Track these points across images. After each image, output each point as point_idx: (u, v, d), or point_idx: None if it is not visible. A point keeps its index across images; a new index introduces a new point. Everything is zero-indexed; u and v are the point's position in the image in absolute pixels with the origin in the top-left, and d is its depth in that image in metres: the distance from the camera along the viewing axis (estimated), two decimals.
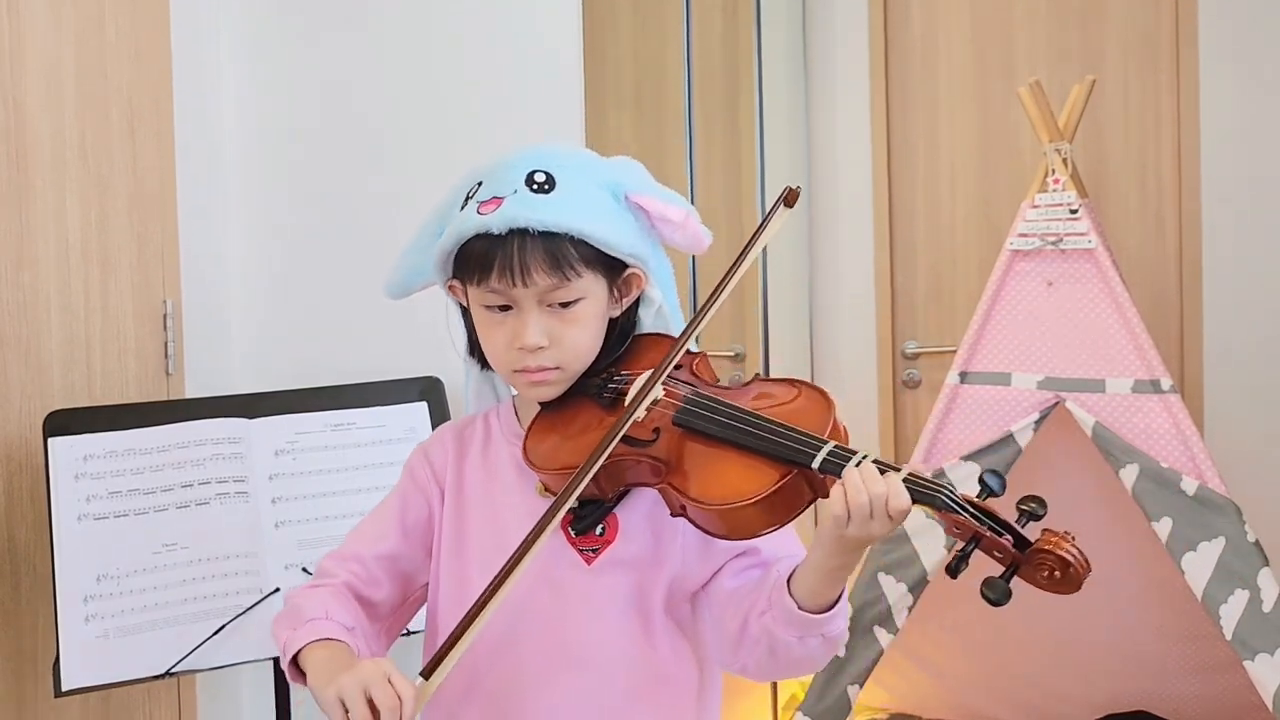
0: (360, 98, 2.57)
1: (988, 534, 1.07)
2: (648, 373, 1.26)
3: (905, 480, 1.09)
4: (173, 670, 1.91)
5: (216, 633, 1.93)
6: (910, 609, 2.56)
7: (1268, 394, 3.01)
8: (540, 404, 1.32)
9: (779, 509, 1.15)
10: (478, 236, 1.24)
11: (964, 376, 2.65)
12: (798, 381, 1.27)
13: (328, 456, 2.12)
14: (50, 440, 1.93)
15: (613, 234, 1.26)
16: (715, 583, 1.29)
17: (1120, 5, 3.16)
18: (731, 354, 3.36)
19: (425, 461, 1.40)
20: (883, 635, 2.57)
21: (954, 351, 2.72)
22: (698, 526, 1.19)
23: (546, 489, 1.29)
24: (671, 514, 1.21)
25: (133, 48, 2.31)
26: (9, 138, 2.02)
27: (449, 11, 2.53)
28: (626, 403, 1.25)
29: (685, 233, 1.33)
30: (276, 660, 1.99)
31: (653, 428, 1.22)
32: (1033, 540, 1.07)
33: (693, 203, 2.67)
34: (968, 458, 2.58)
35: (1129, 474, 2.45)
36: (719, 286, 1.28)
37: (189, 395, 2.42)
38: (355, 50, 2.58)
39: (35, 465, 2.02)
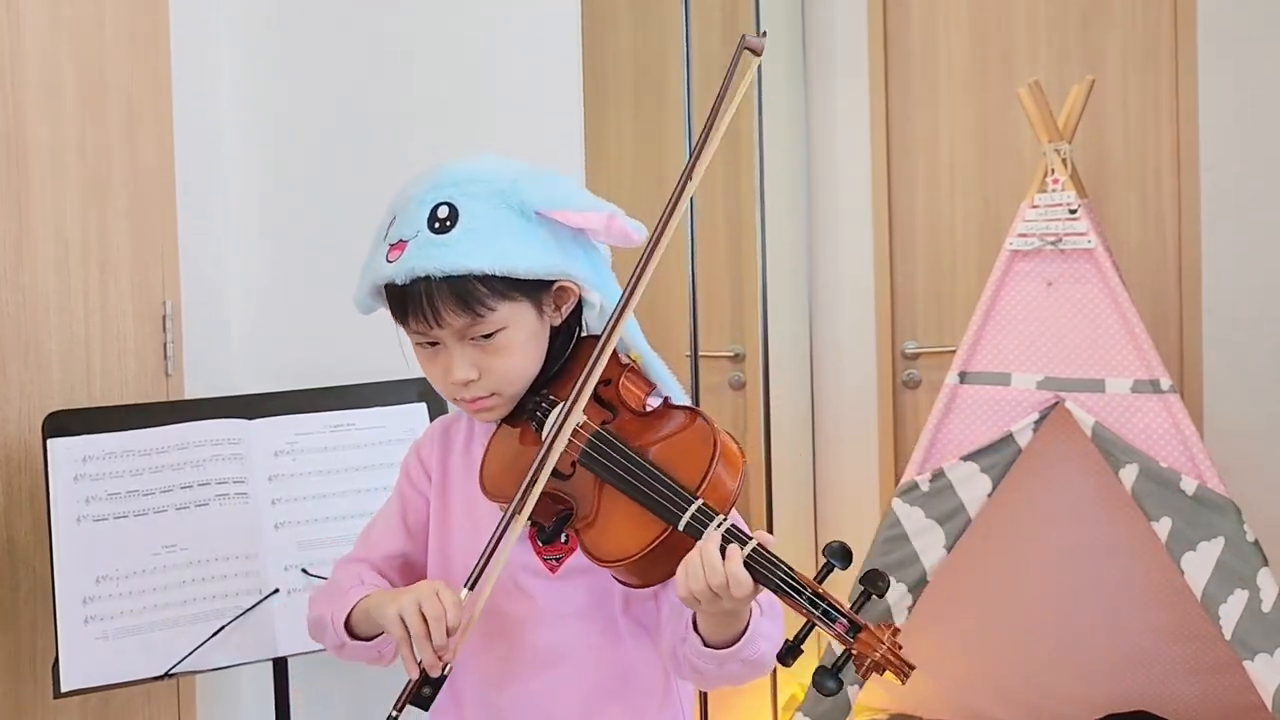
0: (360, 98, 2.57)
1: (820, 619, 1.08)
2: (562, 405, 1.27)
3: (748, 558, 1.10)
4: (172, 671, 1.91)
5: (216, 633, 1.93)
6: (910, 609, 2.56)
7: (1267, 394, 3.01)
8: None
9: (661, 565, 1.16)
10: (389, 284, 1.27)
11: (964, 376, 2.65)
12: (693, 413, 1.27)
13: (327, 457, 2.12)
14: (49, 441, 1.93)
15: (523, 260, 1.25)
16: (663, 594, 1.31)
17: (1120, 5, 3.16)
18: (731, 354, 3.36)
19: (417, 459, 1.44)
20: None
21: (954, 351, 2.72)
22: (613, 577, 1.24)
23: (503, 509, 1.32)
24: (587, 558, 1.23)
25: (132, 48, 2.31)
26: (8, 138, 2.02)
27: (449, 12, 2.53)
28: (543, 435, 1.28)
29: (611, 235, 1.31)
30: (276, 661, 2.00)
31: (570, 460, 1.25)
32: (863, 626, 1.07)
33: (692, 203, 2.68)
34: (967, 458, 2.58)
35: (1128, 474, 2.45)
36: (678, 189, 1.24)
37: (188, 396, 2.42)
38: (355, 51, 2.57)
39: (34, 466, 2.02)
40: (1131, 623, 2.85)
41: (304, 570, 2.02)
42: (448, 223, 1.25)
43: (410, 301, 1.25)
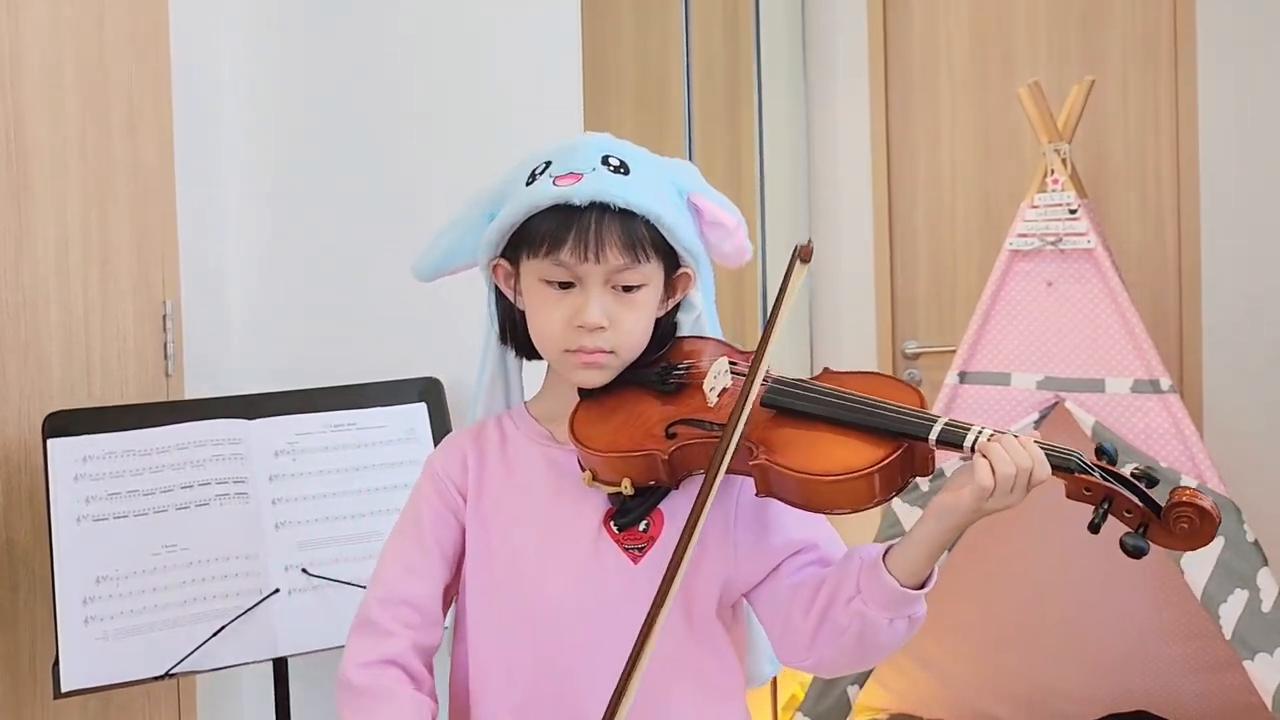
0: (360, 98, 2.57)
1: (1121, 493, 1.12)
2: (723, 360, 1.26)
3: (1040, 445, 1.12)
4: (172, 671, 1.90)
5: (216, 634, 1.93)
6: None
7: (1267, 394, 3.01)
8: (580, 394, 1.28)
9: (885, 483, 1.15)
10: (554, 208, 1.21)
11: (964, 376, 2.65)
12: (873, 374, 1.26)
13: (328, 457, 2.11)
14: (49, 441, 1.93)
15: (680, 226, 1.25)
16: (773, 582, 1.26)
17: (1120, 6, 3.16)
18: None
19: (444, 477, 1.34)
20: None
21: (954, 351, 2.72)
22: (792, 502, 1.17)
23: (596, 478, 1.24)
24: (758, 492, 1.18)
25: (132, 47, 2.31)
26: (8, 138, 2.02)
27: (449, 11, 2.52)
28: (704, 387, 1.23)
29: (734, 241, 1.32)
30: (276, 661, 2.00)
31: (729, 412, 1.19)
32: (1160, 501, 1.11)
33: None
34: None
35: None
36: (757, 356, 1.21)
37: (189, 396, 2.42)
38: (355, 50, 2.57)
39: (34, 466, 2.02)
40: (1132, 622, 2.85)
41: (304, 570, 2.02)
42: (622, 169, 1.24)
43: (579, 227, 1.20)
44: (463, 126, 2.51)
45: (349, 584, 2.01)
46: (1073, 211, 2.58)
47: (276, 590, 1.99)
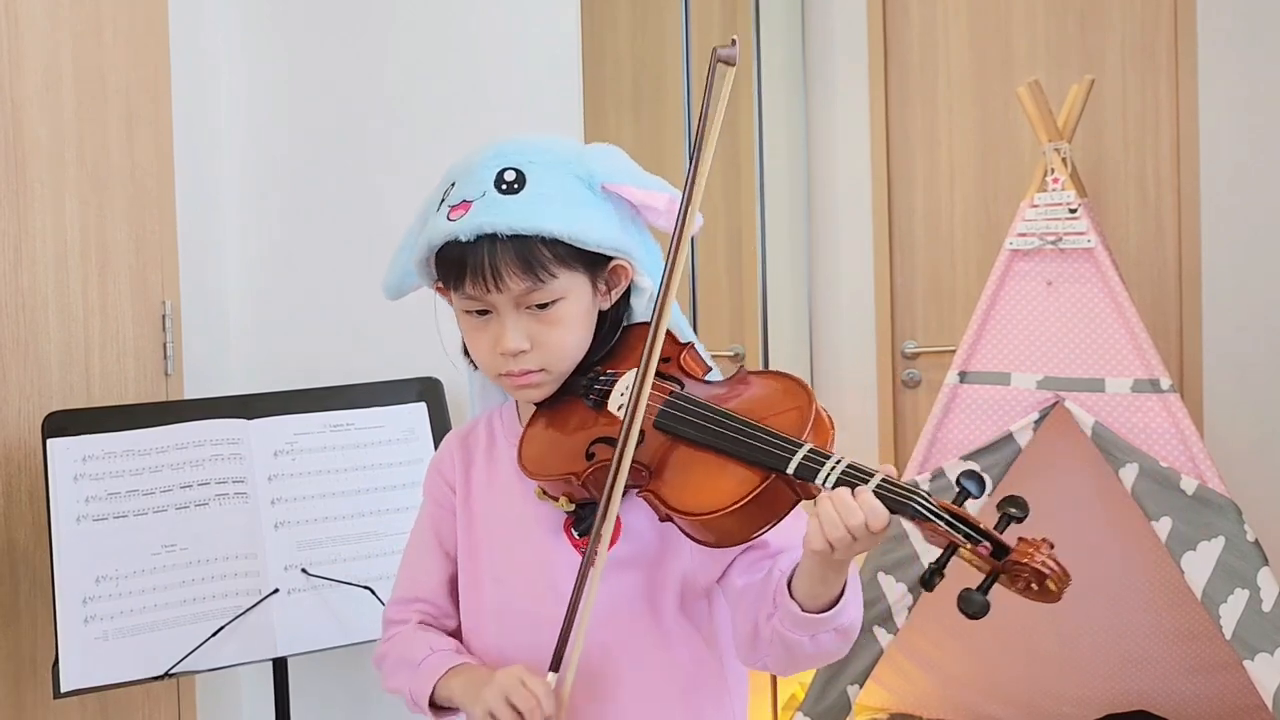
0: (359, 98, 2.57)
1: (964, 542, 1.02)
2: (631, 373, 1.23)
3: (878, 489, 1.04)
4: (172, 671, 1.90)
5: (216, 634, 1.93)
6: (910, 609, 2.56)
7: (1267, 394, 3.01)
8: (535, 404, 1.31)
9: (758, 515, 1.11)
10: (449, 243, 1.21)
11: (963, 376, 2.65)
12: (780, 374, 1.23)
13: (327, 457, 2.11)
14: (49, 441, 1.93)
15: (587, 229, 1.22)
16: (727, 580, 1.26)
17: (1119, 5, 3.16)
18: (731, 354, 3.36)
19: (439, 478, 1.39)
20: (883, 635, 2.57)
21: (953, 351, 2.72)
22: (687, 535, 1.17)
23: (545, 493, 1.27)
24: (659, 519, 1.18)
25: (131, 48, 2.31)
26: (7, 138, 2.02)
27: (449, 12, 2.53)
28: (610, 406, 1.24)
29: (671, 218, 1.27)
30: (276, 661, 2.00)
31: (638, 430, 1.19)
32: (1011, 547, 1.01)
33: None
34: (967, 457, 2.58)
35: (1128, 473, 2.45)
36: (685, 201, 1.20)
37: (188, 396, 2.42)
38: (354, 50, 2.57)
39: (34, 466, 2.02)
40: (1132, 622, 2.85)
41: (304, 570, 2.02)
42: (515, 185, 1.22)
43: (472, 261, 1.19)
44: (462, 126, 2.51)
45: (348, 584, 2.01)
46: (1072, 211, 2.58)
47: (276, 590, 1.99)
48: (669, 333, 1.27)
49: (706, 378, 1.28)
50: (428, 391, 2.24)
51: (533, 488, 1.29)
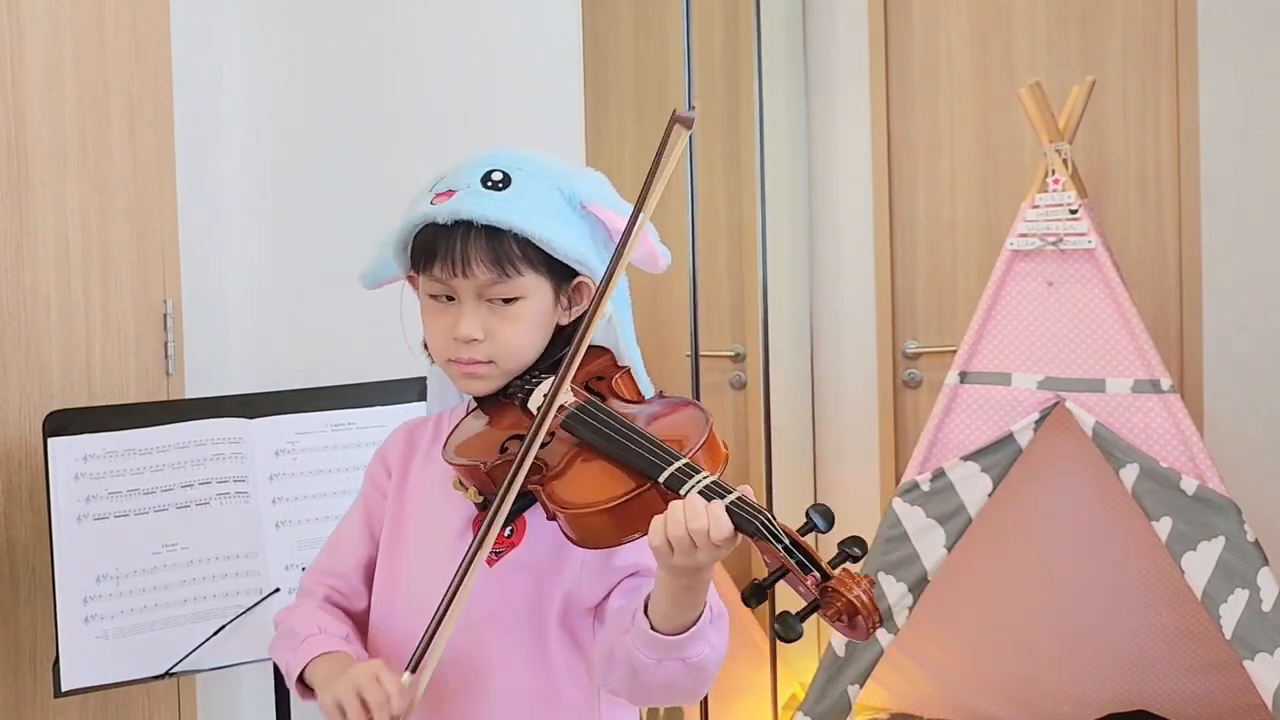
0: (360, 98, 2.57)
1: (794, 567, 1.04)
2: (551, 379, 1.27)
3: (730, 505, 1.07)
4: (172, 671, 1.91)
5: (216, 633, 1.93)
6: (910, 609, 2.56)
7: (1267, 394, 3.01)
8: (475, 400, 1.34)
9: (628, 521, 1.14)
10: (427, 226, 1.27)
11: (964, 376, 2.65)
12: (689, 401, 1.27)
13: (328, 456, 2.12)
14: (50, 440, 1.93)
15: (559, 238, 1.27)
16: (608, 601, 1.28)
17: (1120, 6, 3.16)
18: (732, 354, 3.36)
19: (380, 461, 1.43)
20: (883, 635, 2.57)
21: (954, 351, 2.72)
22: (564, 533, 1.19)
23: (460, 483, 1.30)
24: (546, 517, 1.20)
25: (133, 46, 2.31)
26: (9, 137, 2.02)
27: (450, 12, 2.53)
28: (530, 405, 1.27)
29: (642, 248, 1.33)
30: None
31: (549, 431, 1.23)
32: (833, 575, 1.04)
33: (693, 203, 2.68)
34: (968, 458, 2.58)
35: (1129, 474, 2.45)
36: (622, 244, 1.23)
37: (189, 395, 2.42)
38: (355, 51, 2.57)
39: (35, 465, 2.02)
40: (1132, 622, 2.85)
41: (304, 569, 2.02)
42: (500, 184, 1.27)
43: (444, 243, 1.25)
44: (463, 127, 2.51)
45: None
46: (1073, 211, 2.58)
47: (276, 590, 1.99)
48: (609, 353, 1.34)
49: (641, 400, 1.31)
50: (428, 391, 2.24)
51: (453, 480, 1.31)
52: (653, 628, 1.15)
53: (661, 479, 1.12)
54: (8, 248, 2.02)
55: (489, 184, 1.27)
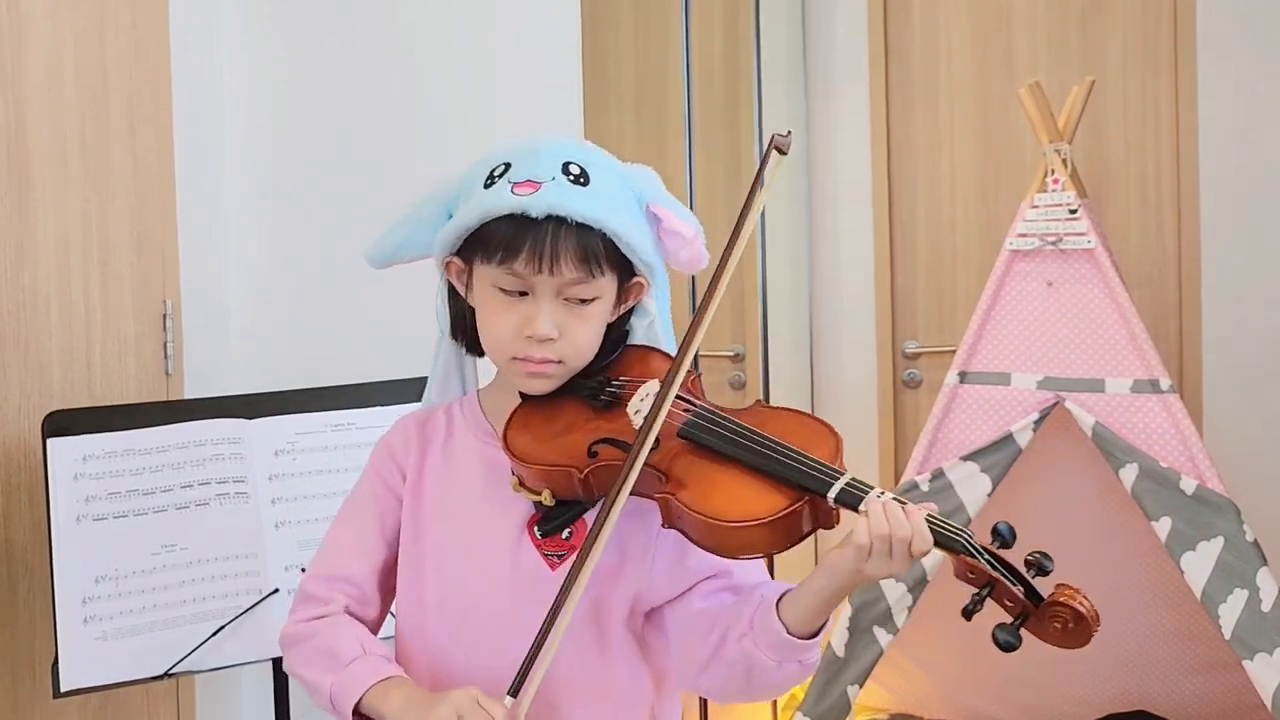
0: (360, 98, 2.57)
1: (1004, 582, 1.08)
2: (653, 382, 1.25)
3: (929, 518, 1.09)
4: (172, 671, 1.90)
5: (216, 633, 1.93)
6: (910, 609, 2.56)
7: (1267, 394, 3.01)
8: (522, 397, 1.29)
9: (782, 534, 1.13)
10: (509, 216, 1.20)
11: (964, 376, 2.65)
12: (801, 412, 1.24)
13: (327, 457, 2.11)
14: (49, 441, 1.93)
15: (638, 239, 1.24)
16: (683, 603, 1.26)
17: (1120, 7, 3.16)
18: (731, 354, 3.36)
19: (390, 459, 1.35)
20: (883, 635, 2.57)
21: (954, 351, 2.72)
22: (692, 539, 1.17)
23: (522, 484, 1.25)
24: (663, 525, 1.18)
25: (133, 46, 2.31)
26: (9, 138, 2.02)
27: (449, 11, 2.53)
28: (629, 410, 1.24)
29: (691, 250, 1.31)
30: (276, 661, 2.00)
31: (670, 431, 1.20)
32: (1044, 594, 1.09)
33: (692, 203, 2.68)
34: (967, 458, 2.58)
35: (1128, 474, 2.45)
36: (721, 262, 1.23)
37: (188, 395, 2.42)
38: (355, 50, 2.57)
39: (34, 466, 2.02)
40: (1131, 622, 2.85)
41: (304, 570, 2.01)
42: (581, 179, 1.22)
43: (535, 238, 1.18)
44: (462, 126, 2.51)
45: None
46: (1073, 211, 2.58)
47: (276, 590, 1.99)
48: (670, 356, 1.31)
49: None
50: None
51: (502, 484, 1.27)
52: (788, 631, 1.15)
53: (830, 495, 1.11)
54: (8, 248, 2.02)
55: (571, 177, 1.21)
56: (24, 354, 2.05)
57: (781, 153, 1.24)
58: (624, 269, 1.27)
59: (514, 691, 1.15)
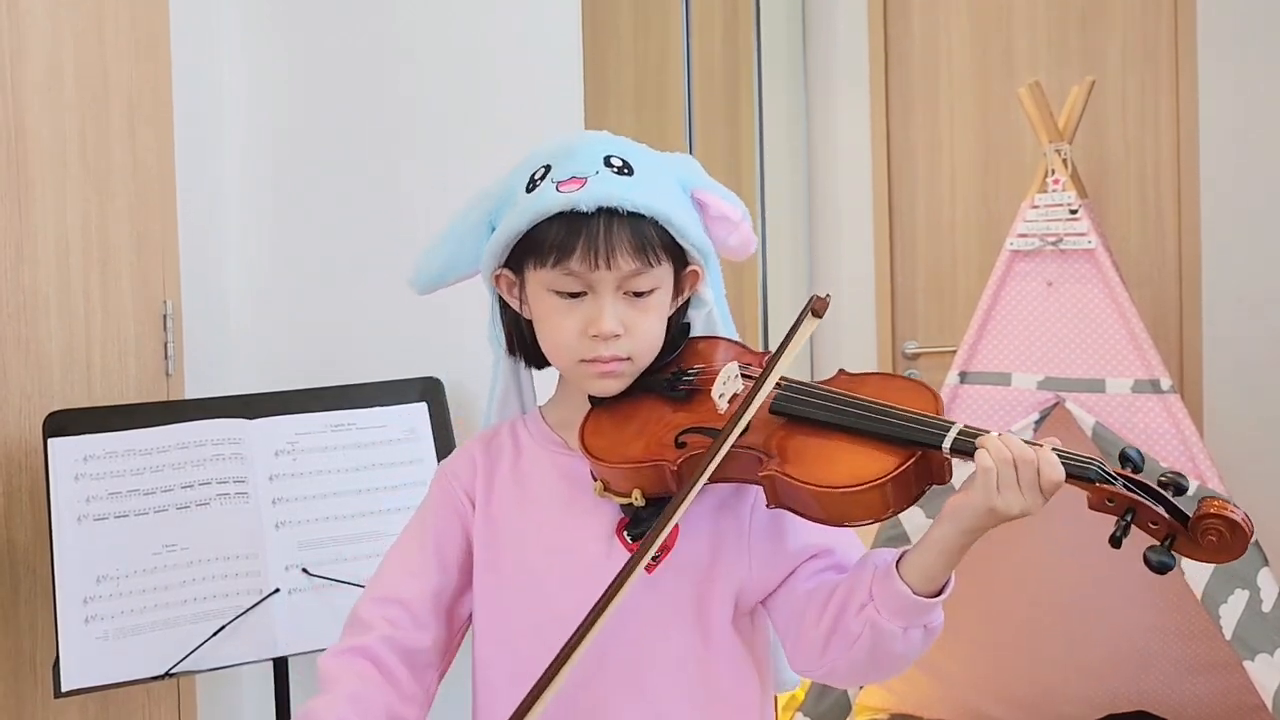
0: (360, 99, 2.57)
1: (1145, 504, 1.05)
2: (733, 364, 1.22)
3: (1055, 450, 1.06)
4: (173, 671, 1.90)
5: (216, 633, 1.93)
6: None
7: (1267, 394, 3.01)
8: (592, 402, 1.26)
9: (899, 494, 1.10)
10: (559, 216, 1.17)
11: (964, 377, 2.65)
12: (888, 374, 1.22)
13: (328, 457, 2.11)
14: (50, 441, 1.93)
15: (689, 225, 1.22)
16: (788, 587, 1.22)
17: (1120, 7, 3.16)
18: None
19: (453, 481, 1.31)
20: None
21: (954, 352, 2.72)
22: (804, 514, 1.13)
23: (607, 488, 1.21)
24: (769, 504, 1.14)
25: (133, 46, 2.31)
26: (9, 137, 2.02)
27: (450, 11, 2.52)
28: (714, 394, 1.20)
29: (740, 234, 1.28)
30: (276, 661, 2.00)
31: (746, 421, 1.15)
32: (1189, 512, 1.06)
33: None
34: None
35: None
36: (768, 365, 1.17)
37: (189, 396, 2.42)
38: (355, 51, 2.57)
39: (35, 466, 2.02)
40: (1132, 622, 2.85)
41: (304, 570, 2.02)
42: (626, 170, 1.19)
43: (586, 235, 1.15)
44: (462, 126, 2.51)
45: (349, 584, 2.01)
46: (1073, 212, 2.58)
47: (276, 590, 1.99)
48: (737, 344, 1.29)
49: None
50: (429, 391, 2.24)
51: (580, 491, 1.23)
52: (914, 591, 1.12)
53: (945, 444, 1.08)
54: (8, 248, 2.02)
55: (614, 169, 1.19)
56: (24, 354, 2.04)
57: (817, 315, 1.19)
58: (678, 258, 1.24)
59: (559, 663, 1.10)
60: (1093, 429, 2.49)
